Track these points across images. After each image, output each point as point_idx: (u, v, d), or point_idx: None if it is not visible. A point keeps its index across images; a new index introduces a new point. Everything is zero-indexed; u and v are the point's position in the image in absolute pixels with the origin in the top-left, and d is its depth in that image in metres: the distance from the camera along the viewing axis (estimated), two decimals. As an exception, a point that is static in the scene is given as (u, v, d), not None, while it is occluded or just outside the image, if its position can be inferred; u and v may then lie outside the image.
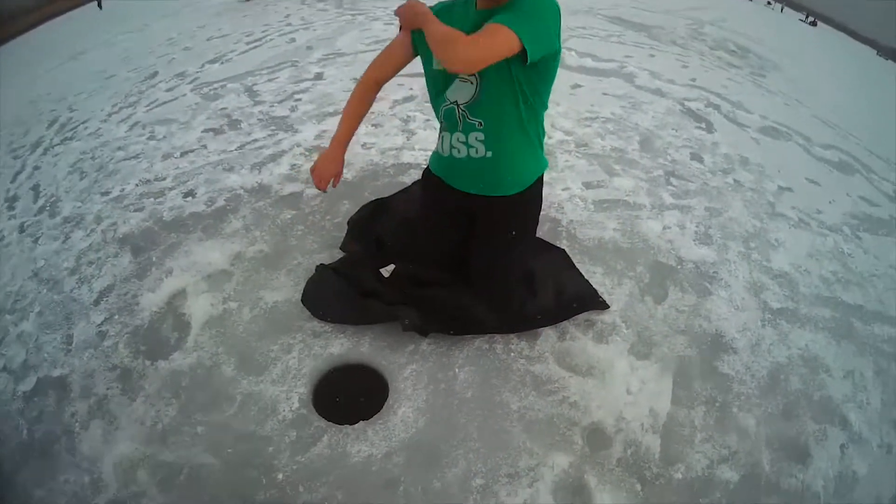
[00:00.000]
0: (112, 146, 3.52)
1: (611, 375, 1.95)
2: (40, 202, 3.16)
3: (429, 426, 1.82)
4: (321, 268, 2.18)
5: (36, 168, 3.65)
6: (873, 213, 2.98)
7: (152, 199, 2.79)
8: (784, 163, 3.19)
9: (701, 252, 2.43)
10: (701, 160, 3.03)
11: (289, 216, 2.51)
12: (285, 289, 2.22)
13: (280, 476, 1.76)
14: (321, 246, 2.37)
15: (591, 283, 2.16)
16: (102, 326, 2.23)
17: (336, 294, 2.04)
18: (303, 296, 2.14)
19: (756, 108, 3.77)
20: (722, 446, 1.83)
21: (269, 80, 4.05)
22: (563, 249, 2.24)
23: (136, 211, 2.73)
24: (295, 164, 2.82)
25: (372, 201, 2.44)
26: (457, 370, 1.96)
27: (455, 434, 1.75)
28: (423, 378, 1.94)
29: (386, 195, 2.49)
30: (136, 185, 2.96)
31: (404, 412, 1.87)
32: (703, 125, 3.39)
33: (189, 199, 2.73)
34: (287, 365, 2.01)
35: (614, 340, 2.05)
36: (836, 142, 3.57)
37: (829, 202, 2.92)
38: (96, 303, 2.32)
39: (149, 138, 3.47)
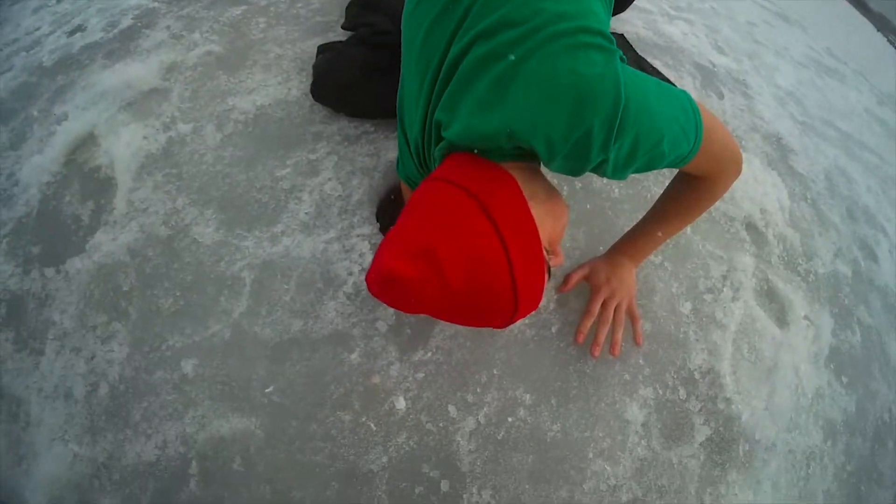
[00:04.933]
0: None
1: (730, 164, 1.63)
2: None
3: (589, 243, 1.35)
4: (325, 48, 1.48)
5: None
6: (822, 61, 2.94)
7: (24, 54, 1.80)
8: (740, 5, 3.05)
9: (723, 61, 2.18)
10: (679, -18, 2.76)
11: (237, 12, 1.70)
12: (270, 87, 1.49)
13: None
14: (304, 33, 1.63)
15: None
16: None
17: (364, 74, 1.36)
18: (313, 88, 1.42)
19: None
20: (832, 242, 1.71)
21: None
22: (623, 34, 1.83)
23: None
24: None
25: None
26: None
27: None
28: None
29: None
30: (-2, 49, 1.91)
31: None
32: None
33: (77, 34, 1.78)
34: (323, 195, 1.32)
35: (706, 131, 1.70)
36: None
37: (787, 46, 2.85)
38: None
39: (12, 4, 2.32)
